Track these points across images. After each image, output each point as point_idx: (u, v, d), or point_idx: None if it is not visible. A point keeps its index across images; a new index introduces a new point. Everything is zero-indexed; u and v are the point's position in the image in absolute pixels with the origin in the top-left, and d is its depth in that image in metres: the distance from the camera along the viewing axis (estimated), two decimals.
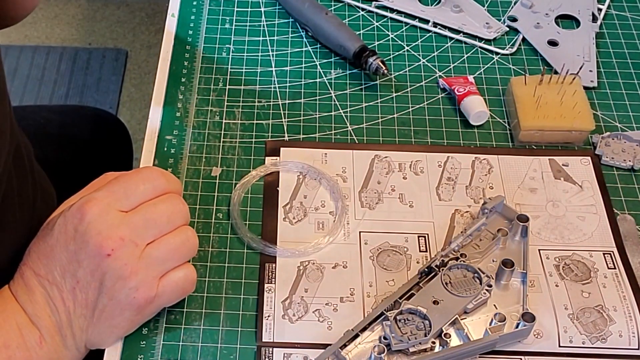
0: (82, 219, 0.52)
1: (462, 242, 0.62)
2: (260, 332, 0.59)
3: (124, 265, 0.52)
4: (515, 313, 0.59)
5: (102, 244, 0.52)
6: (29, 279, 0.54)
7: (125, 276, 0.53)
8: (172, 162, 0.70)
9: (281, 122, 0.74)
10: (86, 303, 0.54)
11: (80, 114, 0.99)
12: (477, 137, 0.73)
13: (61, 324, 0.54)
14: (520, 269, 0.61)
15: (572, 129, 0.71)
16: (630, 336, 0.59)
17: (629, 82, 0.78)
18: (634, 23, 0.84)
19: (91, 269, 0.53)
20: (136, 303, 0.54)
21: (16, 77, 1.88)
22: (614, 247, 0.65)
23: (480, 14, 0.84)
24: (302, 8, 0.81)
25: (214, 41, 0.81)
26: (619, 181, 0.70)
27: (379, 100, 0.76)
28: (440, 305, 0.58)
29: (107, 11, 2.07)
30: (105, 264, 0.52)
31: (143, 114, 1.84)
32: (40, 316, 0.54)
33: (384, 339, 0.57)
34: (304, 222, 0.66)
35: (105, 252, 0.52)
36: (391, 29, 0.83)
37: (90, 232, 0.52)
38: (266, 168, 0.69)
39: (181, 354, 0.58)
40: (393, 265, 0.63)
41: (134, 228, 0.53)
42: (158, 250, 0.54)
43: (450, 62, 0.80)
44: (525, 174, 0.70)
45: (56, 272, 0.53)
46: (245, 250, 0.64)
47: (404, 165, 0.70)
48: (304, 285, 0.62)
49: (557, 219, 0.67)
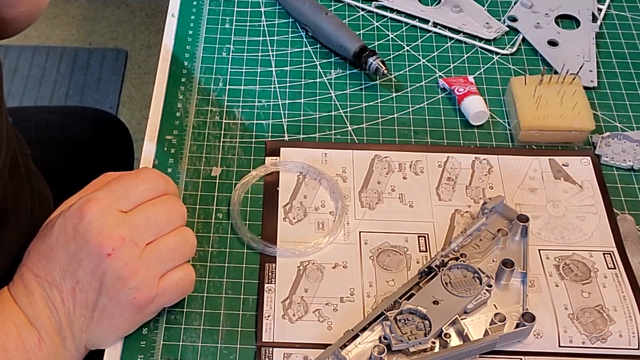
0: (82, 218, 0.52)
1: (462, 242, 0.62)
2: (260, 332, 0.59)
3: (125, 265, 0.52)
4: (515, 313, 0.59)
5: (102, 243, 0.52)
6: (28, 281, 0.54)
7: (125, 276, 0.53)
8: (172, 162, 0.70)
9: (281, 122, 0.74)
10: (86, 303, 0.54)
11: (81, 115, 0.99)
12: (477, 137, 0.73)
13: (61, 325, 0.54)
14: (520, 269, 0.61)
15: (572, 129, 0.71)
16: (630, 336, 0.59)
17: (629, 82, 0.78)
18: (634, 23, 0.84)
19: (91, 268, 0.52)
20: (136, 303, 0.54)
21: (16, 77, 1.88)
22: (614, 247, 0.65)
23: (480, 14, 0.84)
24: (302, 8, 0.81)
25: (214, 41, 0.81)
26: (619, 181, 0.70)
27: (379, 100, 0.76)
28: (440, 305, 0.58)
29: (107, 11, 2.07)
30: (105, 264, 0.52)
31: (143, 114, 1.84)
32: (39, 317, 0.54)
33: (384, 339, 0.57)
34: (304, 222, 0.66)
35: (105, 251, 0.52)
36: (391, 29, 0.83)
37: (90, 231, 0.52)
38: (266, 168, 0.69)
39: (181, 354, 0.58)
40: (393, 265, 0.63)
41: (134, 228, 0.53)
42: (158, 250, 0.54)
43: (450, 62, 0.80)
44: (525, 174, 0.70)
45: (56, 273, 0.53)
46: (245, 250, 0.64)
47: (404, 165, 0.70)
48: (304, 285, 0.62)
49: (557, 219, 0.67)
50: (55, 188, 0.74)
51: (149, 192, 0.55)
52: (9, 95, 1.84)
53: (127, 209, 0.54)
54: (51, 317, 0.54)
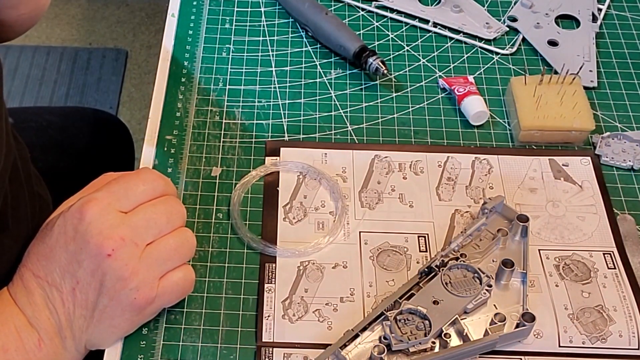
0: (82, 219, 0.52)
1: (462, 242, 0.62)
2: (260, 332, 0.59)
3: (125, 265, 0.52)
4: (515, 313, 0.59)
5: (102, 243, 0.52)
6: (28, 281, 0.54)
7: (125, 277, 0.53)
8: (172, 162, 0.70)
9: (281, 122, 0.74)
10: (86, 304, 0.53)
11: (82, 115, 0.99)
12: (477, 137, 0.73)
13: (60, 326, 0.54)
14: (520, 269, 0.61)
15: (572, 129, 0.71)
16: (630, 336, 0.59)
17: (629, 82, 0.78)
18: (634, 23, 0.84)
19: (91, 269, 0.52)
20: (137, 304, 0.54)
21: (16, 77, 1.88)
22: (614, 247, 0.65)
23: (480, 14, 0.84)
24: (302, 8, 0.81)
25: (214, 41, 0.81)
26: (619, 181, 0.70)
27: (379, 100, 0.76)
28: (440, 305, 0.58)
29: (107, 11, 2.07)
30: (105, 264, 0.52)
31: (143, 114, 1.84)
32: (39, 318, 0.54)
33: (384, 339, 0.57)
34: (304, 222, 0.66)
35: (105, 252, 0.52)
36: (391, 29, 0.83)
37: (90, 232, 0.52)
38: (266, 168, 0.69)
39: (181, 354, 0.58)
40: (393, 265, 0.63)
41: (134, 228, 0.53)
42: (158, 251, 0.54)
43: (450, 62, 0.80)
44: (525, 174, 0.70)
45: (55, 273, 0.53)
46: (245, 250, 0.64)
47: (404, 165, 0.70)
48: (304, 285, 0.62)
49: (557, 219, 0.67)
50: (55, 190, 0.74)
51: (149, 193, 0.55)
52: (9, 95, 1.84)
53: (127, 209, 0.54)
54: (51, 318, 0.54)
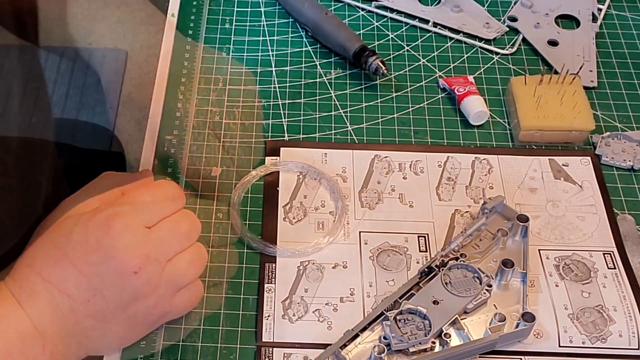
0: (107, 232, 0.51)
1: (462, 242, 0.62)
2: (260, 332, 0.59)
3: (147, 283, 0.52)
4: (515, 313, 0.59)
5: (128, 261, 0.51)
6: (36, 285, 0.52)
7: (146, 294, 0.52)
8: (172, 162, 0.70)
9: (281, 122, 0.74)
10: (99, 316, 0.52)
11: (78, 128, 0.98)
12: (477, 137, 0.73)
13: (67, 333, 0.52)
14: (520, 269, 0.61)
15: (572, 129, 0.71)
16: (630, 336, 0.59)
17: (629, 82, 0.78)
18: (634, 23, 0.84)
19: (112, 283, 0.52)
20: (151, 319, 0.54)
21: None
22: (614, 247, 0.65)
23: (480, 14, 0.84)
24: (302, 8, 0.81)
25: (214, 41, 0.81)
26: (619, 181, 0.70)
27: (379, 100, 0.76)
28: (440, 305, 0.58)
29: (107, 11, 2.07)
30: (128, 281, 0.52)
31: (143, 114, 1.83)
32: (45, 324, 0.52)
33: (384, 339, 0.57)
34: (304, 222, 0.66)
35: (131, 269, 0.51)
36: (391, 29, 0.83)
37: (116, 247, 0.51)
38: (266, 168, 0.69)
39: (181, 354, 0.58)
40: (393, 265, 0.63)
41: (158, 245, 0.53)
42: (178, 269, 0.54)
43: (450, 62, 0.80)
44: (525, 174, 0.70)
45: (70, 282, 0.52)
46: (245, 250, 0.64)
47: (404, 165, 0.70)
48: (304, 285, 0.62)
49: (557, 219, 0.67)
50: None
51: (171, 208, 0.55)
52: None
53: (151, 224, 0.54)
54: (58, 325, 0.52)
